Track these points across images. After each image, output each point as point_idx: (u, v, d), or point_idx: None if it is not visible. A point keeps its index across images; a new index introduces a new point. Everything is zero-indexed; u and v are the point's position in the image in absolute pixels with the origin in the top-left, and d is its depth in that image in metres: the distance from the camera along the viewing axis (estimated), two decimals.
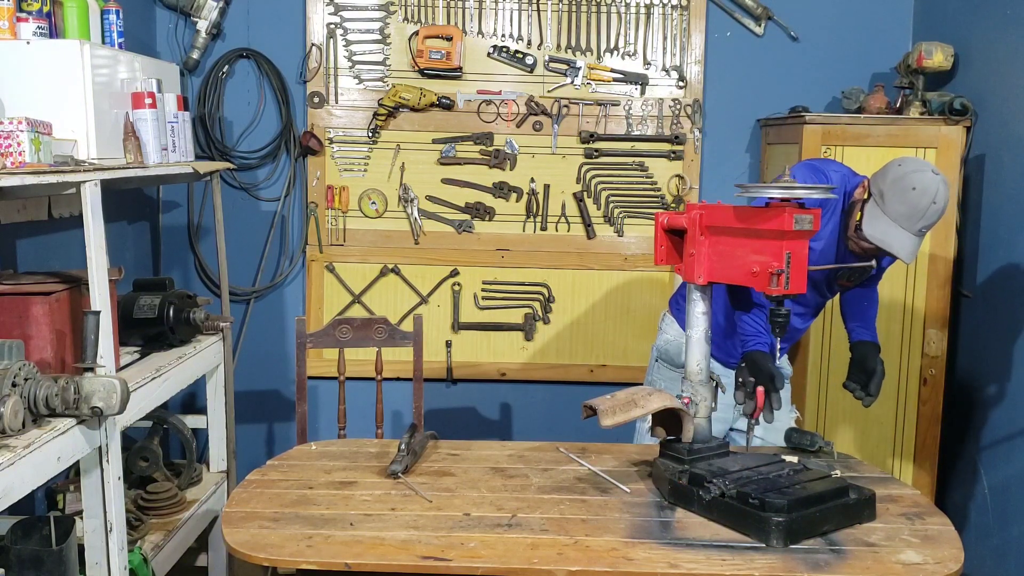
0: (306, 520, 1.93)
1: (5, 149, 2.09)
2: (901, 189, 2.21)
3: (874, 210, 2.25)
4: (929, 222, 2.22)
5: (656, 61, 3.68)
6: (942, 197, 2.21)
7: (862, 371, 2.46)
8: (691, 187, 3.70)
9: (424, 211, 3.74)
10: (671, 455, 2.09)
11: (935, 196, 2.20)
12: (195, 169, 2.95)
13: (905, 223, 2.21)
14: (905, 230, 2.22)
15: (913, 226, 2.22)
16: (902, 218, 2.21)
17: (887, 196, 2.23)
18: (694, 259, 2.06)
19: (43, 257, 2.89)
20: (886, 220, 2.23)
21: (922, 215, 2.20)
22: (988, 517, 3.07)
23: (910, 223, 2.21)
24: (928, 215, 2.21)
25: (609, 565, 1.75)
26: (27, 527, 2.24)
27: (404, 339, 2.97)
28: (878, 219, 2.24)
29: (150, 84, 2.73)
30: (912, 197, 2.19)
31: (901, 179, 2.22)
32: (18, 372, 1.95)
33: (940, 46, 3.26)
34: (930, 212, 2.20)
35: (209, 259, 3.77)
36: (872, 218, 2.25)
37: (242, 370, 3.73)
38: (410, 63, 3.67)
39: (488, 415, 3.91)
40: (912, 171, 2.22)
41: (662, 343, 2.73)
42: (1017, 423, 2.90)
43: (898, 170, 2.24)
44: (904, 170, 2.23)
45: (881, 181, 2.26)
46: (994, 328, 3.07)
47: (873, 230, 2.24)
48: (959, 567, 1.76)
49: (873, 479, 2.18)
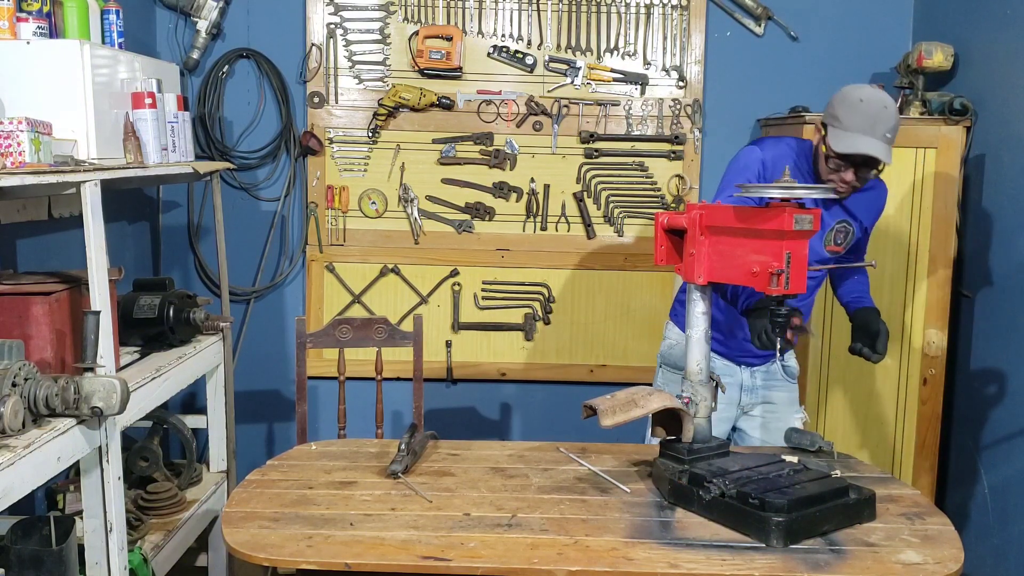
0: (306, 520, 1.93)
1: (5, 149, 2.09)
2: (850, 104, 2.31)
3: (836, 133, 2.33)
4: (888, 125, 2.30)
5: (656, 61, 3.68)
6: (890, 101, 2.33)
7: (866, 334, 2.48)
8: (691, 187, 3.70)
9: (424, 211, 3.74)
10: (671, 455, 2.09)
11: (884, 101, 2.32)
12: (195, 169, 2.95)
13: (869, 130, 2.29)
14: (870, 136, 2.29)
15: (876, 131, 2.29)
16: (864, 127, 2.29)
17: (841, 115, 2.32)
18: (694, 259, 2.06)
19: (43, 257, 2.89)
20: (850, 134, 2.30)
21: (878, 119, 2.29)
22: (988, 517, 3.07)
23: (873, 129, 2.29)
24: (884, 118, 2.29)
25: (609, 565, 1.75)
26: (27, 527, 2.24)
27: (404, 339, 2.97)
28: (842, 136, 2.31)
29: (150, 84, 2.73)
30: (864, 107, 2.30)
31: (846, 97, 2.34)
32: (18, 372, 1.95)
33: (940, 46, 3.26)
34: (885, 115, 2.30)
35: (209, 259, 3.77)
36: (837, 139, 2.32)
37: (242, 370, 3.73)
38: (410, 63, 3.67)
39: (488, 415, 3.91)
40: (852, 89, 2.36)
41: (665, 348, 2.75)
42: (1017, 423, 2.90)
43: (840, 94, 2.37)
44: (845, 91, 2.37)
45: (830, 109, 2.37)
46: (994, 328, 3.07)
47: (843, 145, 2.31)
48: (959, 567, 1.75)
49: (873, 479, 2.18)
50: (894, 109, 2.33)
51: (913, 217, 3.21)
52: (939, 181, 3.18)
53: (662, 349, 2.77)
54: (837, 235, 2.52)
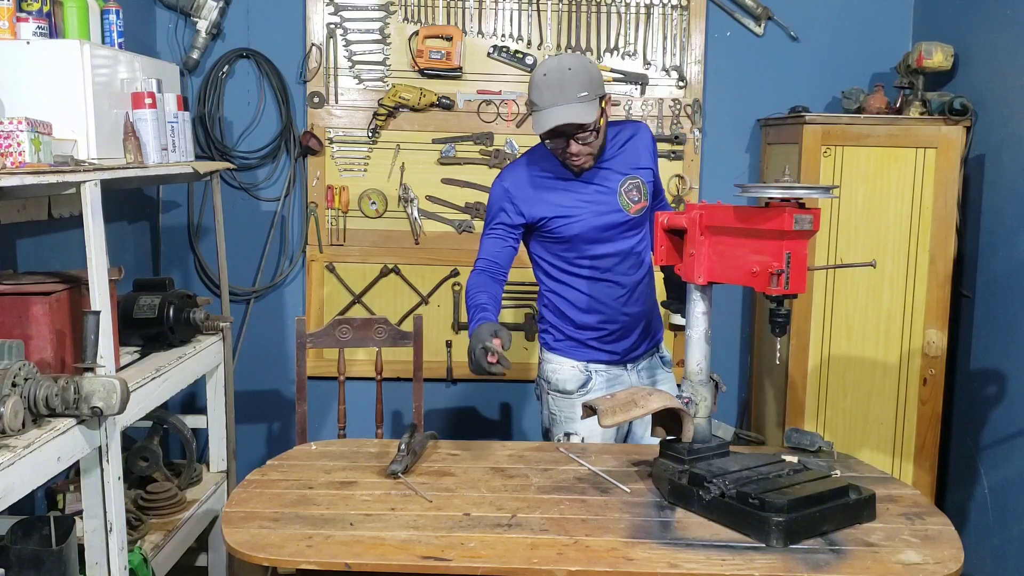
0: (306, 520, 1.93)
1: (5, 149, 2.09)
2: (536, 83, 2.35)
3: (534, 117, 2.37)
4: (577, 84, 2.31)
5: (656, 61, 3.68)
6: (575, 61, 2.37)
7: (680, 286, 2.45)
8: (691, 187, 3.70)
9: (424, 211, 3.74)
10: (671, 455, 2.09)
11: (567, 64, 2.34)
12: (195, 169, 2.95)
13: (559, 99, 2.31)
14: (562, 104, 2.30)
15: (566, 96, 2.30)
16: (555, 98, 2.31)
17: (534, 98, 2.36)
18: (694, 259, 2.06)
19: (43, 257, 2.89)
20: (543, 112, 2.33)
21: (564, 84, 2.30)
22: (988, 517, 3.07)
23: (563, 95, 2.30)
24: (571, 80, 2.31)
25: (609, 565, 1.75)
26: (27, 527, 2.24)
27: (404, 339, 2.97)
28: (537, 117, 2.35)
29: (150, 84, 2.73)
30: (548, 79, 2.33)
31: (532, 80, 2.38)
32: (18, 372, 1.95)
33: (940, 46, 3.26)
34: (571, 77, 2.31)
35: (209, 259, 3.77)
36: (536, 122, 2.36)
37: (242, 370, 3.73)
38: (410, 63, 3.67)
39: (488, 415, 3.91)
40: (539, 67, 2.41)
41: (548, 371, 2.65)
42: (1017, 423, 2.90)
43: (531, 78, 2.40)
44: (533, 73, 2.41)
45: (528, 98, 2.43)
46: (994, 328, 3.07)
47: (539, 125, 2.34)
48: (959, 567, 1.75)
49: (873, 479, 2.18)
50: (581, 66, 2.35)
51: (913, 217, 3.21)
52: (939, 181, 3.18)
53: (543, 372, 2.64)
54: (631, 193, 2.50)
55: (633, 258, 2.55)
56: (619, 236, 2.51)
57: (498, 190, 2.52)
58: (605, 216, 2.48)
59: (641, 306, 2.59)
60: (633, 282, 2.56)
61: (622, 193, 2.49)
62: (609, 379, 2.59)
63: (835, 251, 3.22)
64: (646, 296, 2.61)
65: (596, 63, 2.86)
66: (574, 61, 2.37)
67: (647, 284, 2.61)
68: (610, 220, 2.48)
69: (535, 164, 2.52)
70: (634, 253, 2.55)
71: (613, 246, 2.51)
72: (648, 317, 2.63)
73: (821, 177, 3.19)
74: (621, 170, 2.51)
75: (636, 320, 2.59)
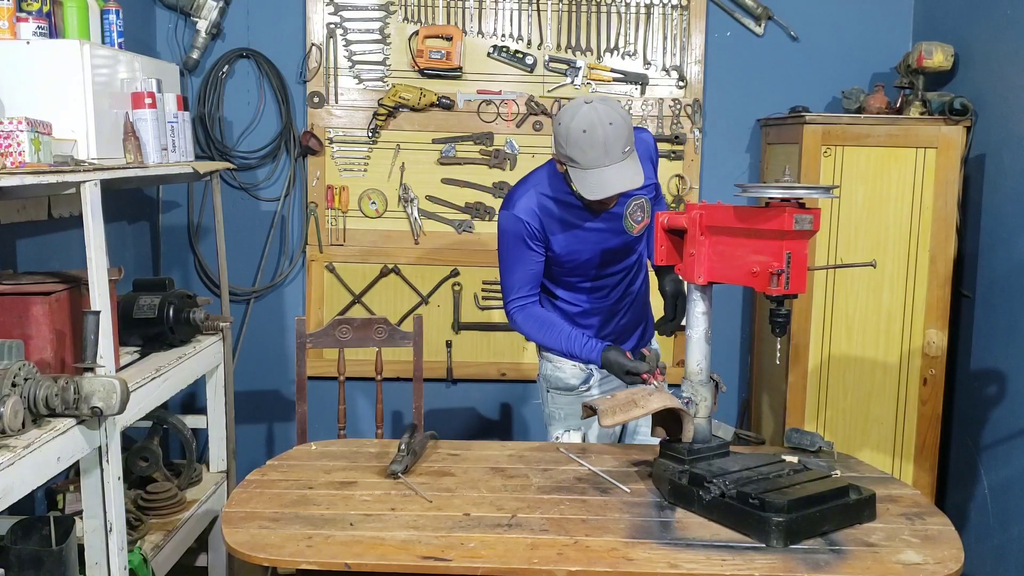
0: (306, 520, 1.93)
1: (5, 149, 2.09)
2: (576, 141, 2.18)
3: (578, 175, 2.22)
4: (621, 139, 2.19)
5: (656, 61, 3.68)
6: (612, 114, 2.19)
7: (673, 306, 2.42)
8: (691, 187, 3.70)
9: (424, 211, 3.74)
10: (671, 455, 2.09)
11: (606, 119, 2.18)
12: (195, 169, 2.95)
13: (605, 158, 2.18)
14: (611, 164, 2.19)
15: (612, 155, 2.18)
16: (601, 158, 2.18)
17: (574, 155, 2.20)
18: (694, 259, 2.06)
19: (43, 257, 2.89)
20: (591, 172, 2.20)
21: (609, 141, 2.17)
22: (988, 517, 3.07)
23: (609, 154, 2.18)
24: (615, 136, 2.18)
25: (609, 565, 1.75)
26: (27, 527, 2.24)
27: (404, 339, 2.97)
28: (585, 177, 2.21)
29: (150, 84, 2.73)
30: (590, 136, 2.17)
31: (569, 135, 2.19)
32: (18, 372, 1.95)
33: (940, 46, 3.26)
34: (614, 133, 2.17)
35: (209, 259, 3.77)
36: (583, 182, 2.22)
37: (242, 370, 3.73)
38: (410, 63, 3.67)
39: (488, 415, 3.91)
40: (568, 120, 2.21)
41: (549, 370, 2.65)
42: (1017, 423, 2.90)
43: (563, 130, 2.22)
44: (564, 126, 2.21)
45: (560, 150, 2.24)
46: (994, 328, 3.07)
47: (591, 190, 2.21)
48: (959, 567, 1.75)
49: (873, 479, 2.18)
50: (620, 119, 2.20)
51: (913, 217, 3.21)
52: (939, 181, 3.18)
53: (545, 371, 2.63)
54: (635, 215, 2.45)
55: (634, 270, 2.57)
56: (623, 256, 2.52)
57: (514, 222, 2.38)
58: (611, 241, 2.46)
59: (638, 311, 2.63)
60: (633, 291, 2.59)
61: (627, 216, 2.45)
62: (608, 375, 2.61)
63: (835, 251, 3.22)
64: (644, 301, 2.64)
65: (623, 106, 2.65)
66: (612, 114, 2.20)
67: (644, 291, 2.64)
68: (616, 244, 2.47)
69: (544, 196, 2.40)
70: (635, 265, 2.57)
71: (617, 266, 2.52)
72: (644, 321, 2.67)
73: (821, 177, 3.19)
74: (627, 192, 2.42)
75: (634, 324, 2.63)
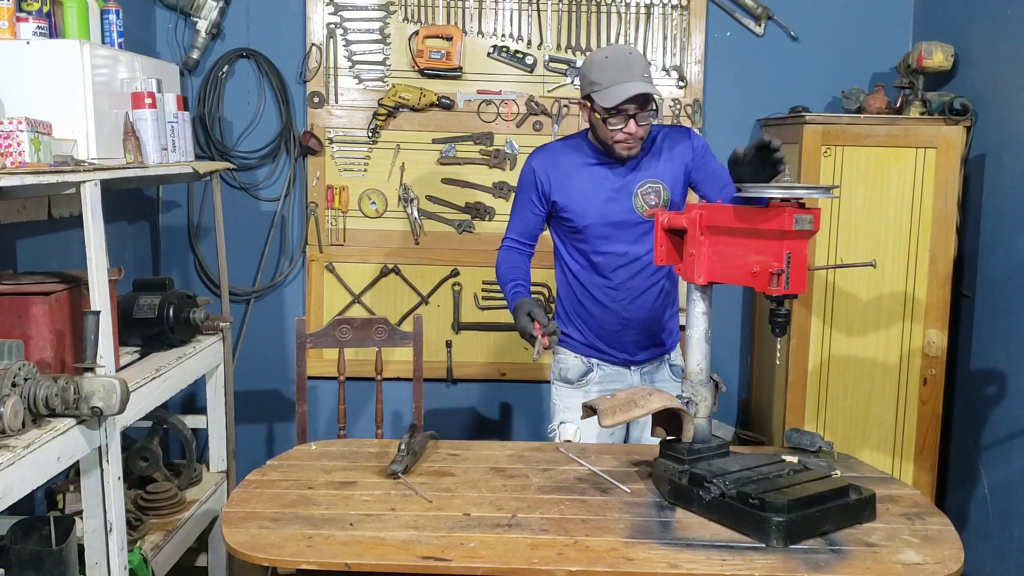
0: (306, 520, 1.93)
1: (5, 149, 2.09)
2: (599, 64, 2.40)
3: (600, 94, 2.39)
4: (641, 65, 2.39)
5: (656, 61, 3.67)
6: (632, 48, 2.47)
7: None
8: None
9: (424, 211, 3.74)
10: (671, 455, 2.09)
11: (627, 49, 2.43)
12: (195, 169, 2.95)
13: (627, 76, 2.36)
14: (631, 80, 2.36)
15: (633, 74, 2.37)
16: (622, 75, 2.36)
17: (596, 78, 2.39)
18: (694, 259, 2.06)
19: (43, 257, 2.89)
20: (612, 87, 2.36)
21: (630, 64, 2.38)
22: (988, 517, 3.07)
23: (630, 73, 2.37)
24: (635, 61, 2.39)
25: (609, 565, 1.75)
26: (27, 527, 2.24)
27: (404, 339, 2.97)
28: (606, 93, 2.37)
29: (150, 84, 2.73)
30: (612, 60, 2.39)
31: (593, 62, 2.42)
32: (18, 372, 1.95)
33: (940, 46, 3.26)
34: (635, 59, 2.39)
35: (209, 259, 3.77)
36: (604, 97, 2.38)
37: (242, 370, 3.73)
38: (410, 63, 3.67)
39: (488, 415, 3.91)
40: (594, 55, 2.45)
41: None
42: (1017, 423, 2.90)
43: (587, 63, 2.45)
44: (590, 59, 2.45)
45: (584, 80, 2.45)
46: (994, 328, 3.07)
47: (611, 99, 2.36)
48: (959, 567, 1.75)
49: (873, 479, 2.18)
50: (639, 52, 2.44)
51: (913, 217, 3.21)
52: (939, 181, 3.18)
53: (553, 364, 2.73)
54: (647, 197, 2.52)
55: (643, 266, 2.56)
56: (630, 238, 2.53)
57: (527, 168, 2.59)
58: (617, 214, 2.51)
59: (643, 313, 2.60)
60: (638, 288, 2.58)
61: (638, 195, 2.51)
62: (610, 375, 2.63)
63: (835, 251, 3.22)
64: (651, 306, 2.61)
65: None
66: (631, 48, 2.46)
67: (655, 295, 2.61)
68: (620, 218, 2.52)
69: (568, 149, 2.58)
70: (645, 261, 2.55)
71: (623, 246, 2.53)
72: (650, 326, 2.63)
73: (821, 177, 3.19)
74: (645, 172, 2.53)
75: (633, 326, 2.60)
